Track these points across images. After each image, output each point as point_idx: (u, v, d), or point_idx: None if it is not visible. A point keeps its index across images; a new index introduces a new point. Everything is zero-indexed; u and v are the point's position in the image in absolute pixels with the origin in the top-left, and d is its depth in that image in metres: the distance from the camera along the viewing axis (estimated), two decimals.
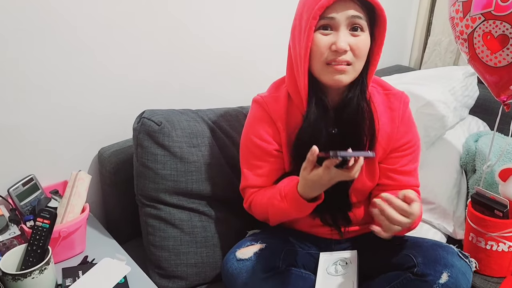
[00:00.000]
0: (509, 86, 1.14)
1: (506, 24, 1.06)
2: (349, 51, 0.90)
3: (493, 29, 1.09)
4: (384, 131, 1.03)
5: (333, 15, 0.89)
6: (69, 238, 1.03)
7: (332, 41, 0.90)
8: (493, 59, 1.12)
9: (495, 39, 1.09)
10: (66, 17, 1.07)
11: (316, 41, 0.90)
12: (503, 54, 1.09)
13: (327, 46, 0.90)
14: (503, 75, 1.13)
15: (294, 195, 0.93)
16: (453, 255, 0.94)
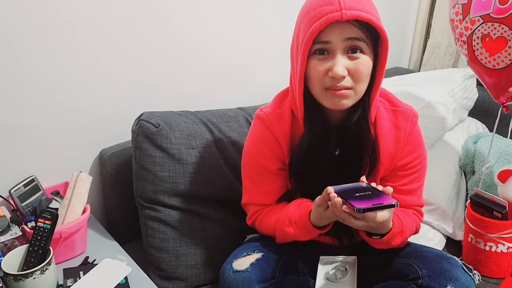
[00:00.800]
0: (507, 88, 1.15)
1: (504, 26, 1.06)
2: (347, 76, 0.85)
3: (492, 32, 1.09)
4: (388, 151, 0.99)
5: (328, 39, 0.83)
6: (70, 239, 1.04)
7: (329, 67, 0.84)
8: (491, 61, 1.13)
9: (494, 41, 1.10)
10: (68, 18, 1.08)
11: (311, 67, 0.86)
12: (501, 56, 1.10)
13: (324, 72, 0.85)
14: (501, 77, 1.14)
15: (306, 224, 0.94)
16: (458, 268, 0.92)
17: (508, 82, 1.14)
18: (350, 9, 0.79)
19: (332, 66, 0.84)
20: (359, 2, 0.81)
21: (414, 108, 1.02)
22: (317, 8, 0.82)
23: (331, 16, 0.79)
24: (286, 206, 1.01)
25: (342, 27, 0.82)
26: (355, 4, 0.80)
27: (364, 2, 0.82)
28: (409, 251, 1.01)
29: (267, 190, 1.03)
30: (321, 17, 0.80)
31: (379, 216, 0.83)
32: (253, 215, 1.07)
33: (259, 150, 1.01)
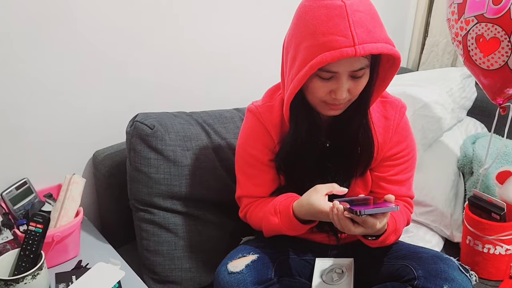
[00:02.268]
0: (503, 90, 1.14)
1: (497, 27, 1.05)
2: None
3: (485, 32, 1.08)
4: (376, 140, 1.00)
5: (336, 70, 0.82)
6: (62, 242, 1.02)
7: (332, 88, 0.84)
8: (485, 61, 1.12)
9: (487, 42, 1.09)
10: (62, 19, 1.07)
11: (314, 86, 0.85)
12: (495, 57, 1.09)
13: (325, 92, 0.86)
14: (495, 78, 1.13)
15: (288, 214, 0.93)
16: (454, 268, 0.92)
17: (503, 83, 1.13)
18: (363, 43, 0.77)
19: (336, 90, 0.84)
20: (370, 31, 0.78)
21: (402, 100, 1.03)
22: (327, 34, 0.78)
23: (345, 52, 0.76)
24: (276, 197, 1.01)
25: (352, 60, 0.81)
26: (367, 35, 0.78)
27: (375, 30, 0.79)
28: (405, 252, 1.00)
29: (259, 182, 1.04)
30: (333, 49, 0.77)
31: (379, 223, 0.84)
32: (245, 207, 1.07)
33: (250, 142, 1.02)
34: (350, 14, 0.77)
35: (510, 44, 1.04)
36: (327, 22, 0.78)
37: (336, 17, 0.77)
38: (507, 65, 1.07)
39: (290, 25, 0.87)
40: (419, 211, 1.39)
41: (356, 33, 0.76)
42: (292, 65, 0.84)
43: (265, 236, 1.05)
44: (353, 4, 0.78)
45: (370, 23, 0.79)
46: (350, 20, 0.77)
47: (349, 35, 0.76)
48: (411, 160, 1.06)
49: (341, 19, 0.77)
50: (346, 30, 0.76)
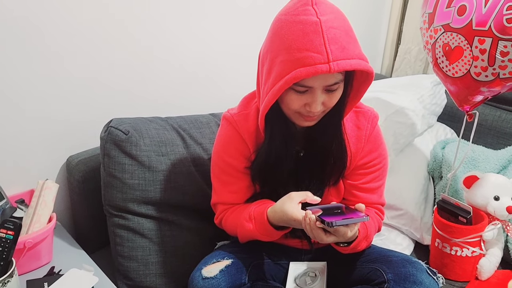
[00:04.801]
0: (467, 96, 1.19)
1: (461, 36, 1.10)
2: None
3: (451, 41, 1.13)
4: (349, 150, 1.02)
5: (311, 85, 0.84)
6: (34, 249, 1.01)
7: (307, 101, 0.86)
8: (451, 69, 1.17)
9: (452, 50, 1.14)
10: (35, 23, 1.06)
11: (289, 99, 0.87)
12: (459, 65, 1.14)
13: (300, 104, 0.87)
14: (460, 85, 1.18)
15: (263, 220, 0.95)
16: (422, 271, 0.95)
17: (466, 90, 1.18)
18: (337, 60, 0.78)
19: (311, 103, 0.86)
20: (344, 48, 0.80)
21: (375, 110, 1.06)
22: (302, 50, 0.79)
23: (320, 69, 0.78)
24: (250, 204, 1.02)
25: (326, 76, 0.82)
26: (341, 52, 0.79)
27: (349, 46, 0.81)
28: (376, 256, 1.03)
29: (234, 189, 1.05)
30: (308, 65, 0.78)
31: (350, 232, 0.87)
32: (220, 214, 1.08)
33: (226, 149, 1.03)
34: (325, 31, 0.78)
35: (472, 53, 1.09)
36: (302, 38, 0.79)
37: (311, 34, 0.79)
38: (469, 73, 1.12)
39: (266, 36, 0.88)
40: (390, 215, 1.43)
41: (331, 50, 0.78)
42: (267, 77, 0.86)
43: (240, 242, 1.06)
44: (328, 20, 0.79)
45: (345, 39, 0.80)
46: (325, 37, 0.78)
47: (323, 51, 0.78)
48: (383, 168, 1.08)
49: (316, 36, 0.78)
50: (321, 46, 0.78)
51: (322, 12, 0.80)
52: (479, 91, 1.15)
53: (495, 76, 1.09)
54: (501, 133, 1.68)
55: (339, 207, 0.91)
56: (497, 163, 1.48)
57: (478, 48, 1.07)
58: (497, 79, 1.09)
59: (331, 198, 1.05)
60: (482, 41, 1.06)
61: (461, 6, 1.09)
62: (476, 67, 1.10)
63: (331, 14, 0.81)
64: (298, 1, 0.83)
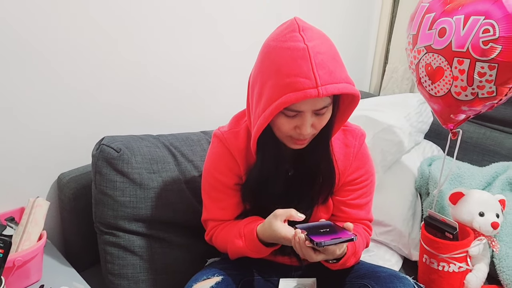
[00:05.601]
0: (449, 115, 1.22)
1: (441, 57, 1.15)
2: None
3: (433, 61, 1.18)
4: (337, 169, 1.04)
5: (300, 110, 0.86)
6: (24, 267, 1.01)
7: (297, 124, 0.88)
8: (433, 88, 1.21)
9: (434, 70, 1.18)
10: (28, 40, 1.07)
11: (279, 123, 0.89)
12: (440, 85, 1.18)
13: (290, 128, 0.89)
14: (442, 104, 1.22)
15: (253, 237, 0.96)
16: (409, 287, 0.97)
17: (448, 109, 1.22)
18: (325, 84, 0.81)
19: (301, 126, 0.88)
20: (332, 72, 0.82)
21: (362, 128, 1.09)
22: (291, 75, 0.81)
23: (308, 94, 0.80)
24: (240, 221, 1.04)
25: (315, 100, 0.84)
26: (329, 76, 0.82)
27: (336, 70, 0.83)
28: (365, 271, 1.04)
29: (225, 205, 1.06)
30: (297, 90, 0.81)
31: (338, 251, 0.89)
32: (210, 230, 1.09)
33: (216, 166, 1.04)
34: (312, 57, 0.81)
35: (452, 74, 1.13)
36: (291, 64, 0.82)
37: (299, 59, 0.81)
38: (450, 93, 1.16)
39: (256, 60, 0.91)
40: (379, 231, 1.45)
41: (319, 75, 0.81)
42: (258, 101, 0.88)
43: (231, 258, 1.06)
44: (315, 46, 0.82)
45: (332, 64, 0.83)
46: (312, 62, 0.81)
47: (312, 77, 0.80)
48: (370, 184, 1.11)
49: (304, 61, 0.81)
50: (309, 72, 0.81)
51: (309, 38, 0.83)
52: (460, 110, 1.19)
53: (474, 96, 1.13)
54: (486, 150, 1.72)
55: (328, 225, 0.92)
56: (482, 179, 1.52)
57: (457, 69, 1.12)
58: (476, 98, 1.13)
59: (320, 214, 1.07)
60: (461, 62, 1.10)
61: (441, 28, 1.14)
62: (456, 86, 1.14)
63: (317, 40, 0.84)
64: (286, 28, 0.86)
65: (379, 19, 2.14)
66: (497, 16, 1.02)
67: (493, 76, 1.07)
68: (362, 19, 2.10)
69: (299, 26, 0.85)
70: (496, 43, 1.03)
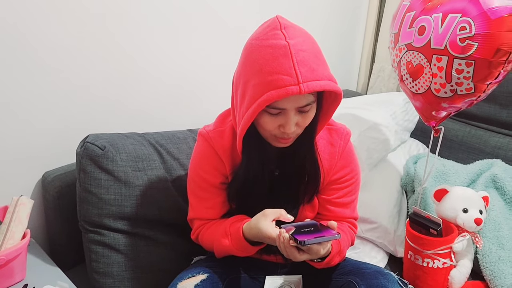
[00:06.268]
0: (431, 112, 1.24)
1: (421, 55, 1.16)
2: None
3: (413, 59, 1.19)
4: (322, 168, 1.05)
5: (283, 107, 0.85)
6: (7, 266, 1.00)
7: (281, 123, 0.88)
8: (414, 86, 1.22)
9: (414, 68, 1.20)
10: (14, 35, 1.06)
11: (263, 121, 0.89)
12: (420, 82, 1.20)
13: (274, 126, 0.89)
14: (423, 101, 1.23)
15: (239, 236, 0.96)
16: (394, 283, 0.97)
17: (429, 106, 1.23)
18: (307, 81, 0.80)
19: (285, 124, 0.88)
20: (313, 69, 0.82)
21: (347, 127, 1.09)
22: (273, 73, 0.81)
23: (290, 91, 0.80)
24: (226, 219, 1.04)
25: (297, 98, 0.84)
26: (311, 73, 0.81)
27: (318, 68, 0.83)
28: (350, 268, 1.05)
29: (211, 204, 1.06)
30: (279, 87, 0.80)
31: (322, 250, 0.89)
32: (196, 229, 1.09)
33: (202, 165, 1.04)
34: (294, 54, 0.81)
35: (431, 71, 1.14)
36: (273, 62, 0.82)
37: (281, 57, 0.81)
38: (430, 90, 1.18)
39: (239, 60, 0.91)
40: (365, 228, 1.46)
41: (300, 72, 0.81)
42: (242, 101, 0.88)
43: (217, 257, 1.07)
44: (297, 44, 0.82)
45: (313, 61, 0.83)
46: (294, 60, 0.81)
47: (293, 74, 0.80)
48: (355, 183, 1.11)
49: (285, 59, 0.81)
50: (291, 69, 0.81)
51: (291, 36, 0.83)
52: (441, 107, 1.20)
53: (453, 93, 1.14)
54: (471, 148, 1.75)
55: (313, 224, 0.93)
56: (466, 177, 1.53)
57: (436, 66, 1.13)
58: (455, 95, 1.14)
59: (306, 213, 1.08)
60: (440, 59, 1.12)
61: (421, 26, 1.15)
62: (435, 83, 1.15)
63: (299, 38, 0.84)
64: (268, 26, 0.86)
65: (366, 19, 2.16)
66: (473, 13, 1.04)
67: (470, 73, 1.08)
68: (349, 19, 2.11)
69: (280, 24, 0.85)
70: (472, 40, 1.05)
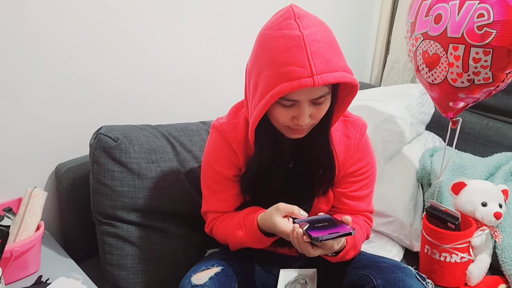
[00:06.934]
0: (448, 102, 1.21)
1: (438, 44, 1.13)
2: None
3: (429, 48, 1.16)
4: (337, 160, 1.02)
5: (296, 99, 0.83)
6: (22, 257, 1.00)
7: (294, 115, 0.86)
8: (430, 76, 1.19)
9: (431, 57, 1.16)
10: (26, 29, 1.06)
11: (276, 113, 0.87)
12: (437, 72, 1.16)
13: (288, 118, 0.87)
14: (440, 91, 1.20)
15: (253, 227, 0.95)
16: (411, 277, 0.95)
17: (446, 96, 1.20)
18: (321, 73, 0.78)
19: (298, 116, 0.86)
20: (328, 61, 0.80)
21: (363, 119, 1.07)
22: (286, 65, 0.79)
23: (303, 83, 0.78)
24: (240, 212, 1.03)
25: (311, 90, 0.82)
26: (325, 65, 0.79)
27: (333, 59, 0.81)
28: (366, 262, 1.03)
29: (224, 197, 1.05)
30: (292, 80, 0.78)
31: (337, 245, 0.88)
32: (210, 222, 1.08)
33: (215, 158, 1.03)
34: (307, 44, 0.79)
35: (448, 60, 1.11)
36: (286, 53, 0.79)
37: (294, 48, 0.79)
38: (446, 80, 1.15)
39: (251, 51, 0.89)
40: (380, 222, 1.44)
41: (314, 64, 0.78)
42: (254, 92, 0.86)
43: (232, 250, 1.05)
44: (311, 34, 0.80)
45: (328, 52, 0.81)
46: (308, 51, 0.78)
47: (307, 65, 0.78)
48: (371, 176, 1.09)
49: (299, 50, 0.79)
50: (304, 60, 0.78)
51: (305, 26, 0.80)
52: (458, 97, 1.17)
53: (470, 82, 1.11)
54: (488, 141, 1.71)
55: (327, 219, 0.91)
56: (484, 170, 1.50)
57: (452, 55, 1.10)
58: (472, 85, 1.11)
59: (320, 206, 1.06)
60: (456, 48, 1.08)
61: (437, 14, 1.12)
62: (452, 73, 1.12)
63: (314, 27, 0.81)
64: (281, 15, 0.84)
65: (380, 8, 2.12)
66: (492, 0, 1.00)
67: (488, 61, 1.05)
68: (363, 9, 2.07)
69: (294, 13, 0.82)
70: (490, 27, 1.01)
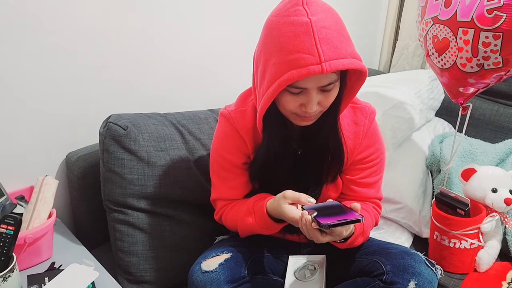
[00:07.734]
0: (458, 88, 1.19)
1: (447, 28, 1.11)
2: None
3: (439, 33, 1.14)
4: (347, 146, 1.02)
5: (305, 87, 0.83)
6: (35, 244, 1.02)
7: (302, 102, 0.86)
8: (440, 61, 1.18)
9: (440, 42, 1.15)
10: (34, 19, 1.06)
11: (284, 100, 0.86)
12: (446, 57, 1.15)
13: (296, 105, 0.87)
14: (449, 77, 1.19)
15: (262, 213, 0.95)
16: (421, 263, 0.96)
17: (456, 82, 1.18)
18: (329, 60, 0.77)
19: (306, 104, 0.85)
20: (336, 47, 0.79)
21: (372, 105, 1.06)
22: (294, 52, 0.78)
23: (312, 70, 0.77)
24: (249, 199, 1.03)
25: (320, 77, 0.81)
26: (333, 52, 0.78)
27: (341, 45, 0.80)
28: (375, 248, 1.04)
29: (234, 185, 1.05)
30: (300, 67, 0.78)
31: (345, 232, 0.88)
32: (220, 210, 1.09)
33: (224, 146, 1.03)
34: (316, 31, 0.78)
35: (457, 45, 1.09)
36: (294, 40, 0.79)
37: (302, 35, 0.78)
38: (456, 65, 1.13)
39: (259, 38, 0.88)
40: (389, 208, 1.43)
41: (323, 50, 0.77)
42: (262, 80, 0.86)
43: (241, 237, 1.06)
44: (319, 20, 0.79)
45: (337, 38, 0.79)
46: (316, 37, 0.77)
47: (315, 52, 0.77)
48: (380, 163, 1.09)
49: (307, 37, 0.78)
50: (312, 47, 0.77)
51: (313, 12, 0.79)
52: (468, 83, 1.15)
53: (480, 67, 1.09)
54: (499, 127, 1.69)
55: (336, 206, 0.91)
56: (494, 156, 1.49)
57: (462, 39, 1.08)
58: (482, 70, 1.09)
59: (329, 193, 1.06)
60: (466, 32, 1.06)
61: None
62: (461, 58, 1.10)
63: (322, 13, 0.80)
64: (289, 1, 0.82)
65: None
66: None
67: (498, 46, 1.03)
68: None
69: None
70: (500, 11, 0.99)
